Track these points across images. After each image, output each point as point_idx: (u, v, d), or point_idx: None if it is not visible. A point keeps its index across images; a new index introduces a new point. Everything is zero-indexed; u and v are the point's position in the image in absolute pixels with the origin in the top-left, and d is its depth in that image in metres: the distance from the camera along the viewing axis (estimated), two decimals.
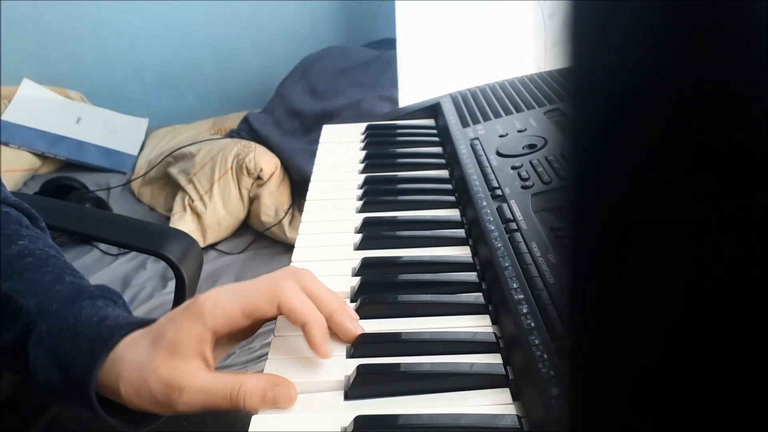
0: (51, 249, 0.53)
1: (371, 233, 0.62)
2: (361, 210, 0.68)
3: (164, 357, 0.42)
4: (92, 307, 0.46)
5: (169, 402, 0.42)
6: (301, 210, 1.34)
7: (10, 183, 1.83)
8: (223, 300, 0.43)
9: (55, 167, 1.99)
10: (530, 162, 0.65)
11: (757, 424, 0.18)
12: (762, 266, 0.17)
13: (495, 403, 0.42)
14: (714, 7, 0.16)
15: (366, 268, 0.57)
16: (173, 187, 1.76)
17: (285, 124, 1.78)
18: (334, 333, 0.48)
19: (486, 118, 0.79)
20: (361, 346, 0.47)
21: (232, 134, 1.84)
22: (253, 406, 0.42)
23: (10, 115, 1.92)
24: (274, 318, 0.46)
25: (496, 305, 0.51)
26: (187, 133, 1.99)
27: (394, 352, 0.47)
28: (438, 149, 0.81)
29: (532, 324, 0.44)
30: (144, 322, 0.46)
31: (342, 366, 0.45)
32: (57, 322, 0.45)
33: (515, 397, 0.43)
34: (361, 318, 0.49)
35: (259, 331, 0.47)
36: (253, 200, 1.66)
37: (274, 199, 1.64)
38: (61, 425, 0.61)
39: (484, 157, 0.69)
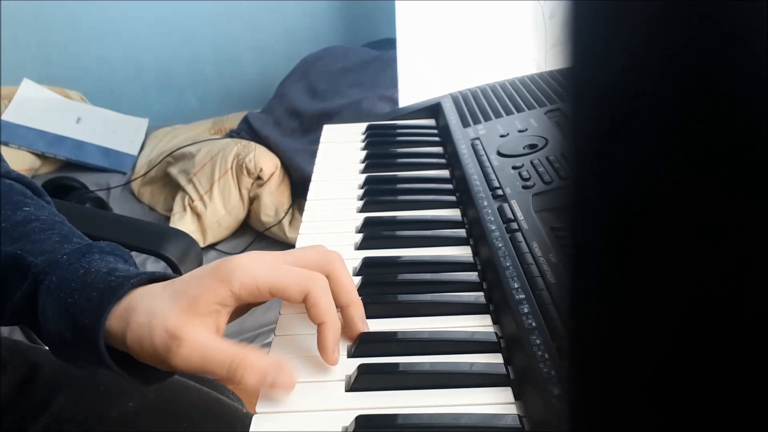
0: (56, 216, 0.53)
1: (372, 233, 0.62)
2: (362, 210, 0.68)
3: (179, 310, 0.42)
4: (102, 260, 0.46)
5: (166, 353, 0.41)
6: (301, 210, 1.34)
7: None
8: (255, 271, 0.42)
9: (55, 167, 1.99)
10: (531, 162, 0.65)
11: (758, 424, 0.18)
12: (762, 267, 0.17)
13: (496, 402, 0.42)
14: (714, 6, 0.16)
15: (367, 267, 0.57)
16: (173, 187, 1.76)
17: (285, 124, 1.78)
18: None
19: (487, 118, 0.79)
20: (362, 345, 0.47)
21: (232, 134, 1.84)
22: (249, 383, 0.41)
23: (10, 115, 1.92)
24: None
25: (497, 305, 0.51)
26: (187, 133, 1.99)
27: (395, 352, 0.47)
28: (439, 149, 0.81)
29: (533, 324, 0.44)
30: (157, 276, 0.46)
31: (343, 365, 0.45)
32: (66, 273, 0.45)
33: (516, 396, 0.43)
34: None
35: (259, 330, 0.47)
36: (253, 200, 1.66)
37: (274, 199, 1.64)
38: (61, 425, 0.61)
39: (484, 157, 0.69)
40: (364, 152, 0.80)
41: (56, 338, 0.44)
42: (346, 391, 0.44)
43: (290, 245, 1.54)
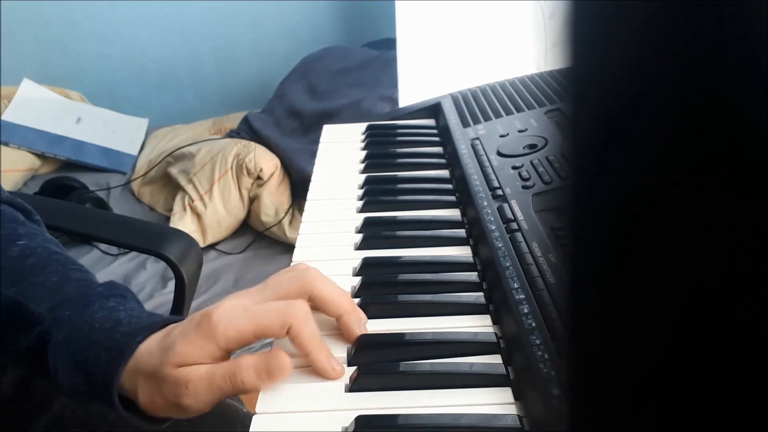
0: (51, 244, 0.53)
1: (372, 233, 0.62)
2: (362, 210, 0.67)
3: (173, 366, 0.43)
4: (104, 309, 0.47)
5: (178, 399, 0.43)
6: (301, 210, 1.34)
7: (10, 183, 1.83)
8: (236, 320, 0.43)
9: (55, 167, 1.99)
10: (531, 162, 0.65)
11: (757, 425, 0.18)
12: (762, 268, 0.17)
13: (496, 402, 0.42)
14: (714, 6, 0.16)
15: (367, 268, 0.57)
16: (173, 187, 1.76)
17: (285, 124, 1.78)
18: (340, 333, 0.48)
19: (486, 118, 0.79)
20: (361, 346, 0.47)
21: (232, 134, 1.84)
22: (251, 382, 0.42)
23: (10, 115, 1.92)
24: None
25: (496, 305, 0.51)
26: (187, 133, 1.99)
27: (395, 352, 0.47)
28: (438, 149, 0.81)
29: (533, 324, 0.44)
30: (158, 323, 0.46)
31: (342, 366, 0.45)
32: (72, 330, 0.45)
33: (516, 396, 0.43)
34: None
35: None
36: (253, 200, 1.66)
37: (274, 199, 1.64)
38: (61, 425, 0.61)
39: (484, 157, 0.69)
40: (364, 152, 0.80)
41: (69, 389, 0.46)
42: (346, 391, 0.44)
43: (290, 245, 1.54)
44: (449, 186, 0.71)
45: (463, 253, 0.59)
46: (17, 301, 0.47)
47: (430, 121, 0.89)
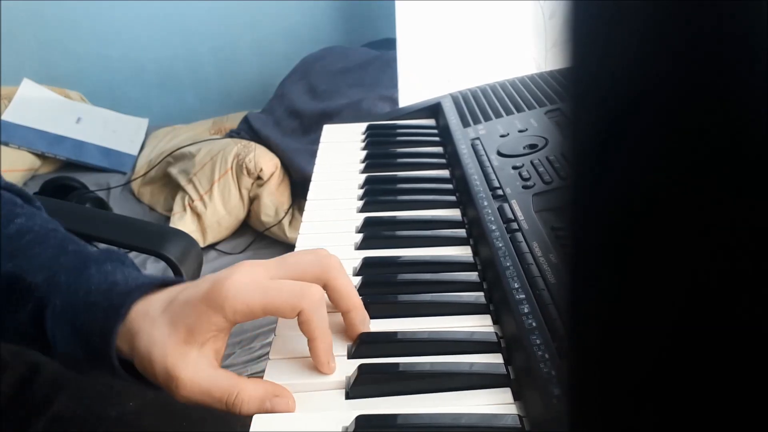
0: (49, 223, 0.53)
1: (372, 233, 0.62)
2: (362, 210, 0.68)
3: (177, 342, 0.42)
4: (100, 273, 0.46)
5: (168, 389, 0.42)
6: (301, 210, 1.34)
7: None
8: (247, 293, 0.42)
9: (55, 167, 1.99)
10: (531, 162, 0.65)
11: (757, 425, 0.18)
12: (762, 268, 0.17)
13: (496, 402, 0.42)
14: (714, 6, 0.16)
15: (367, 267, 0.57)
16: (173, 187, 1.76)
17: (285, 124, 1.78)
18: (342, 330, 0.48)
19: (487, 118, 0.79)
20: (362, 346, 0.47)
21: (232, 134, 1.84)
22: (250, 414, 0.42)
23: (10, 115, 1.92)
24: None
25: (497, 305, 0.51)
26: (187, 133, 1.99)
27: (395, 352, 0.47)
28: (439, 149, 0.81)
29: (534, 324, 0.44)
30: (156, 282, 0.46)
31: (343, 366, 0.45)
32: (69, 295, 0.45)
33: (516, 396, 0.43)
34: None
35: (259, 330, 0.47)
36: (253, 200, 1.66)
37: (274, 199, 1.64)
38: (61, 425, 0.61)
39: (485, 157, 0.69)
40: (364, 152, 0.80)
41: (69, 357, 0.45)
42: (347, 390, 0.44)
43: (290, 245, 1.54)
44: (449, 186, 0.71)
45: (463, 252, 0.59)
46: (14, 273, 0.47)
47: (430, 121, 0.89)
